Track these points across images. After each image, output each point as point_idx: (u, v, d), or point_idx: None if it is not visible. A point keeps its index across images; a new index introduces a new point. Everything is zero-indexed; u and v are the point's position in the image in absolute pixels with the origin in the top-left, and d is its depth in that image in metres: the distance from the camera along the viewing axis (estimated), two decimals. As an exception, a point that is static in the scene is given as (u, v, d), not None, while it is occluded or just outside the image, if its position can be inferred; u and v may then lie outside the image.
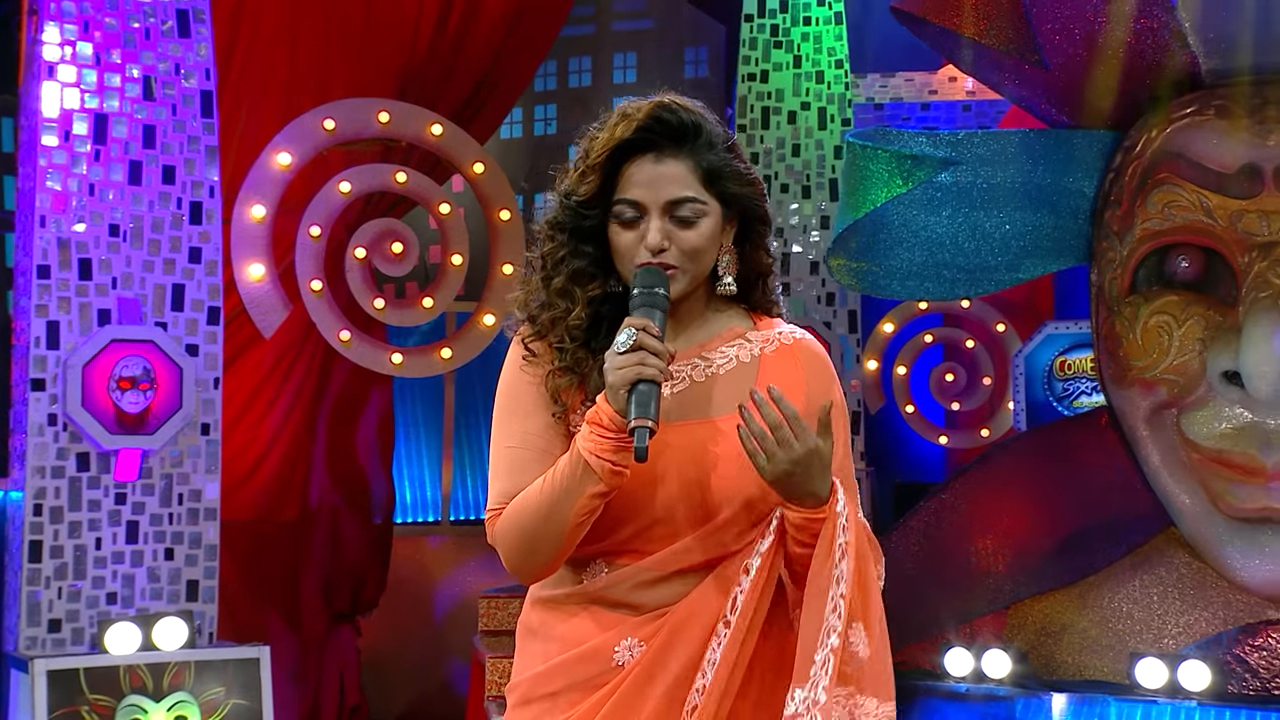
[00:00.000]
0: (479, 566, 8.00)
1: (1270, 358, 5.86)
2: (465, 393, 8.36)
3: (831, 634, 2.09)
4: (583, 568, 2.25)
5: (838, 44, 8.53)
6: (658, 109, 2.25)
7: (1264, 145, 6.16)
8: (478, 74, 6.96)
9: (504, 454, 2.27)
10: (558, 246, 2.29)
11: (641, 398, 2.07)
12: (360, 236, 6.18)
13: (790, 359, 2.30)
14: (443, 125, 6.27)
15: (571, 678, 2.20)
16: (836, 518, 2.14)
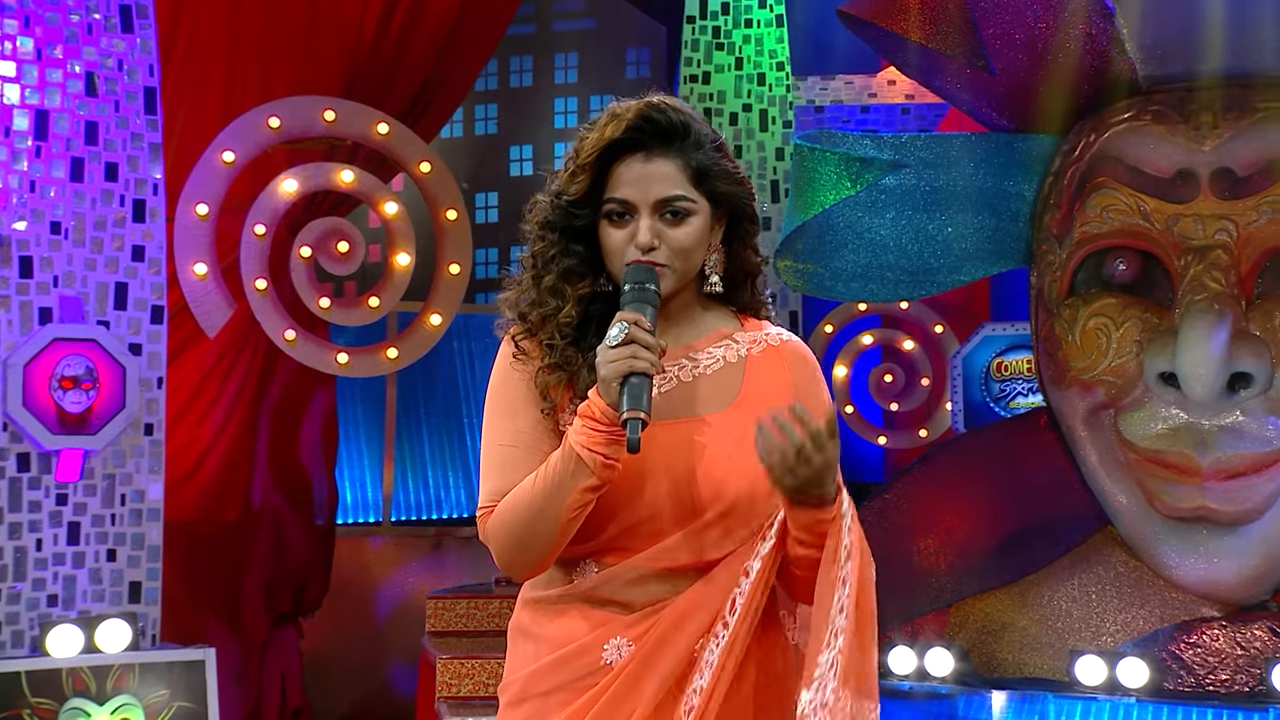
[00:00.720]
0: (420, 567, 7.98)
1: (1206, 360, 5.96)
2: (407, 393, 8.33)
3: (839, 635, 2.11)
4: (572, 567, 2.26)
5: (779, 46, 8.57)
6: (647, 108, 2.28)
7: (1199, 150, 6.27)
8: (423, 73, 6.94)
9: (494, 451, 2.28)
10: (548, 246, 2.30)
11: (634, 390, 2.08)
12: (306, 235, 6.14)
13: (777, 360, 2.32)
14: (389, 124, 6.25)
15: (561, 677, 2.22)
16: (842, 519, 2.16)
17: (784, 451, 2.10)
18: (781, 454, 2.11)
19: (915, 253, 6.38)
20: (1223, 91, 6.31)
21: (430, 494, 8.42)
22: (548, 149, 9.54)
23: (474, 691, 4.90)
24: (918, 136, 6.47)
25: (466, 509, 8.40)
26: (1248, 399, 6.05)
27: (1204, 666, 6.15)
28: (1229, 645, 6.16)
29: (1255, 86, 6.30)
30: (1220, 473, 6.07)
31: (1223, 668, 6.13)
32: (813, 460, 2.10)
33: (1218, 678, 6.11)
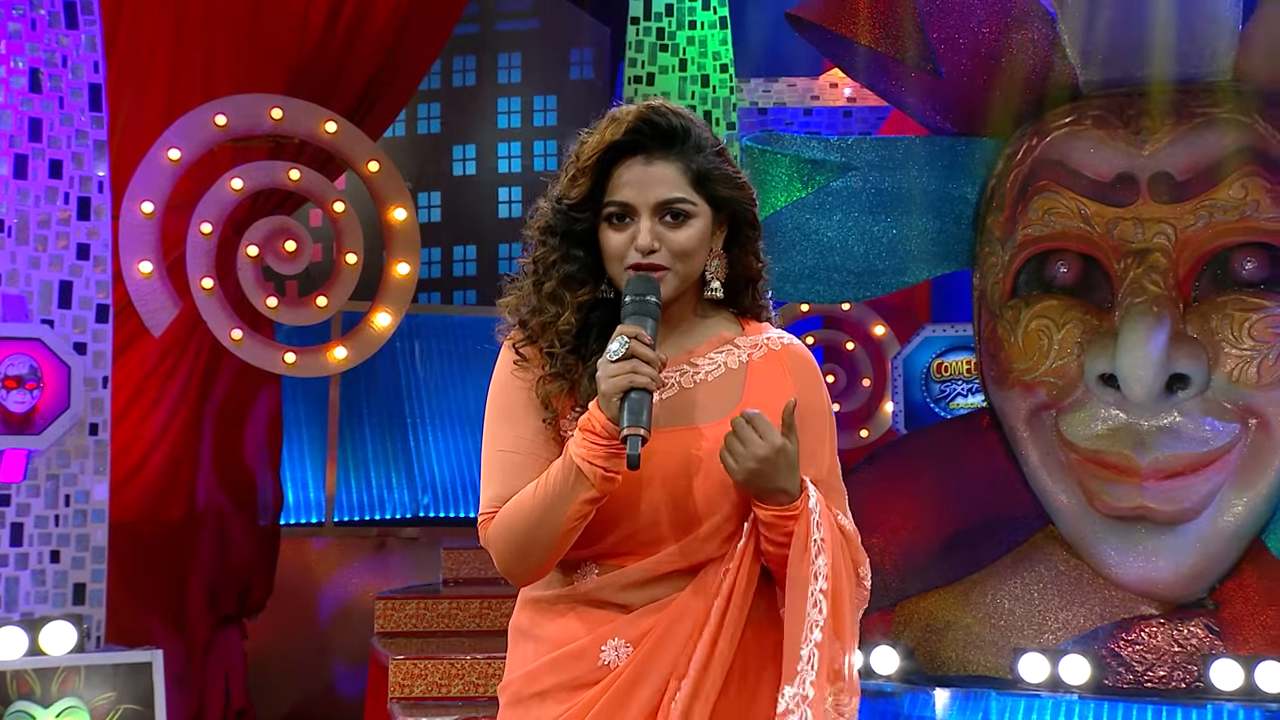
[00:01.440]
0: (364, 568, 7.95)
1: (1145, 361, 6.05)
2: (350, 392, 8.30)
3: (814, 629, 2.13)
4: (573, 570, 2.28)
5: (723, 48, 8.60)
6: (647, 111, 2.27)
7: (1139, 155, 6.37)
8: (370, 71, 6.90)
9: (496, 458, 2.29)
10: (549, 251, 2.31)
11: (634, 405, 2.09)
12: (253, 234, 6.10)
13: (778, 365, 2.33)
14: (337, 123, 6.22)
15: (559, 677, 2.23)
16: (809, 514, 2.18)
17: (728, 438, 2.15)
18: (727, 440, 2.15)
19: (861, 254, 6.44)
20: (1161, 97, 6.42)
21: (373, 494, 8.38)
22: (491, 148, 9.53)
23: (426, 692, 4.89)
24: (864, 139, 6.53)
25: (409, 509, 8.37)
26: (1185, 400, 6.15)
27: (1142, 663, 6.25)
28: (1167, 642, 6.26)
29: (1193, 92, 6.41)
30: (1158, 472, 6.17)
31: (1161, 664, 6.23)
32: (755, 443, 2.13)
33: (1156, 674, 6.21)
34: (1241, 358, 6.18)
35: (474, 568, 6.56)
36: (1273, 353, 6.18)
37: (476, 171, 9.64)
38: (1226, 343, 6.21)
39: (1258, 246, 6.24)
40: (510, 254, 9.72)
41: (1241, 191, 6.25)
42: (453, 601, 5.82)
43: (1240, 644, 6.17)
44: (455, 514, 8.47)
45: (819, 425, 2.32)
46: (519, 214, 9.62)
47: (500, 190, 9.57)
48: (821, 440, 2.32)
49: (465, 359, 8.65)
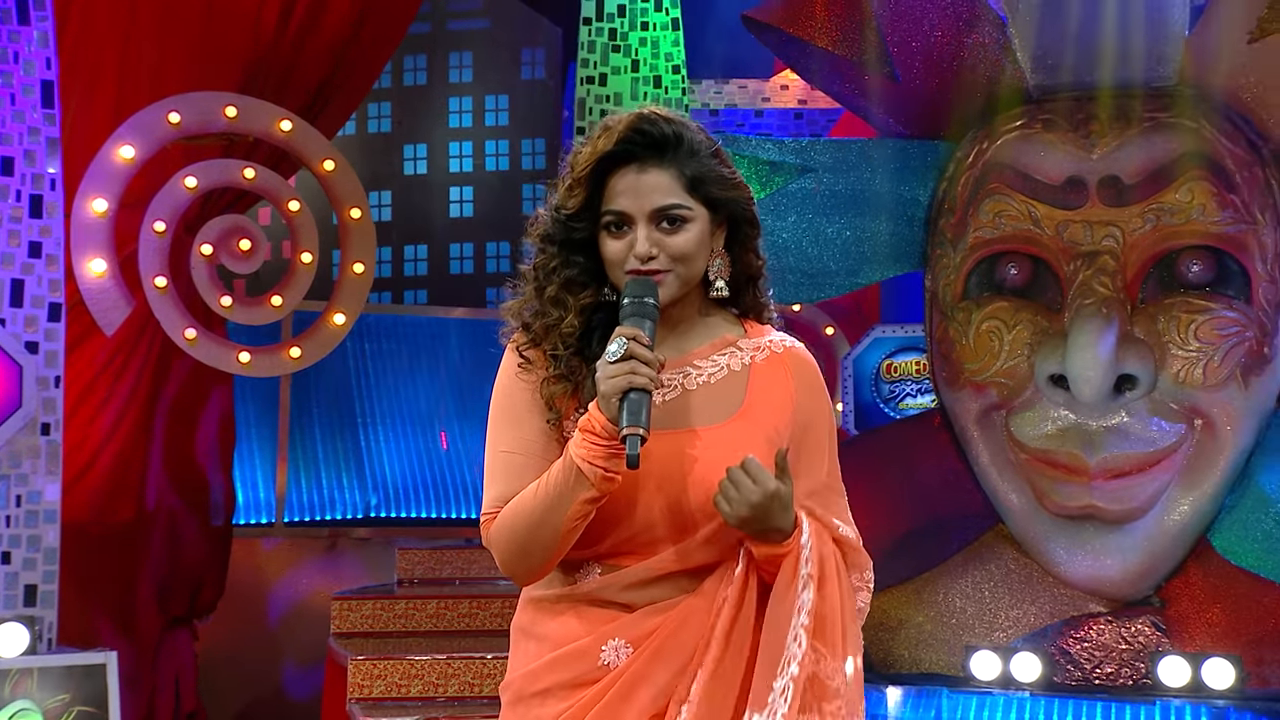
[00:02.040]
0: (315, 568, 7.92)
1: (1094, 362, 6.14)
2: (300, 392, 8.26)
3: (792, 662, 2.14)
4: (575, 570, 2.29)
5: (675, 49, 8.64)
6: (637, 120, 2.29)
7: (1088, 159, 6.45)
8: (324, 69, 6.86)
9: (499, 458, 2.31)
10: (549, 258, 2.32)
11: (633, 406, 2.11)
12: (207, 233, 6.06)
13: (780, 367, 2.34)
14: (292, 121, 6.19)
15: (559, 676, 2.24)
16: (800, 550, 2.19)
17: (723, 484, 2.17)
18: (722, 486, 2.17)
19: (814, 255, 6.48)
20: (1109, 102, 6.51)
21: (324, 494, 8.34)
22: (442, 147, 9.52)
23: (386, 692, 4.88)
24: (818, 141, 6.58)
25: (361, 510, 8.35)
26: (1132, 400, 6.24)
27: (1090, 660, 6.33)
28: (1114, 640, 6.34)
29: (1140, 97, 6.50)
30: (1107, 472, 6.26)
31: (1109, 661, 6.32)
32: (749, 491, 2.14)
33: (1104, 671, 6.29)
34: (1188, 359, 6.28)
35: (428, 568, 6.55)
36: (1218, 354, 6.28)
37: (428, 171, 9.64)
38: (1173, 344, 6.30)
39: (1203, 249, 6.33)
40: (462, 253, 9.71)
41: (1188, 195, 6.34)
42: (409, 602, 5.81)
43: (1186, 641, 6.26)
44: (407, 514, 8.45)
45: (820, 430, 2.35)
46: (470, 213, 9.63)
47: (452, 189, 9.58)
48: (821, 445, 2.34)
49: (416, 358, 8.64)
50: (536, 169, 8.93)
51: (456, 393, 8.69)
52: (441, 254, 8.83)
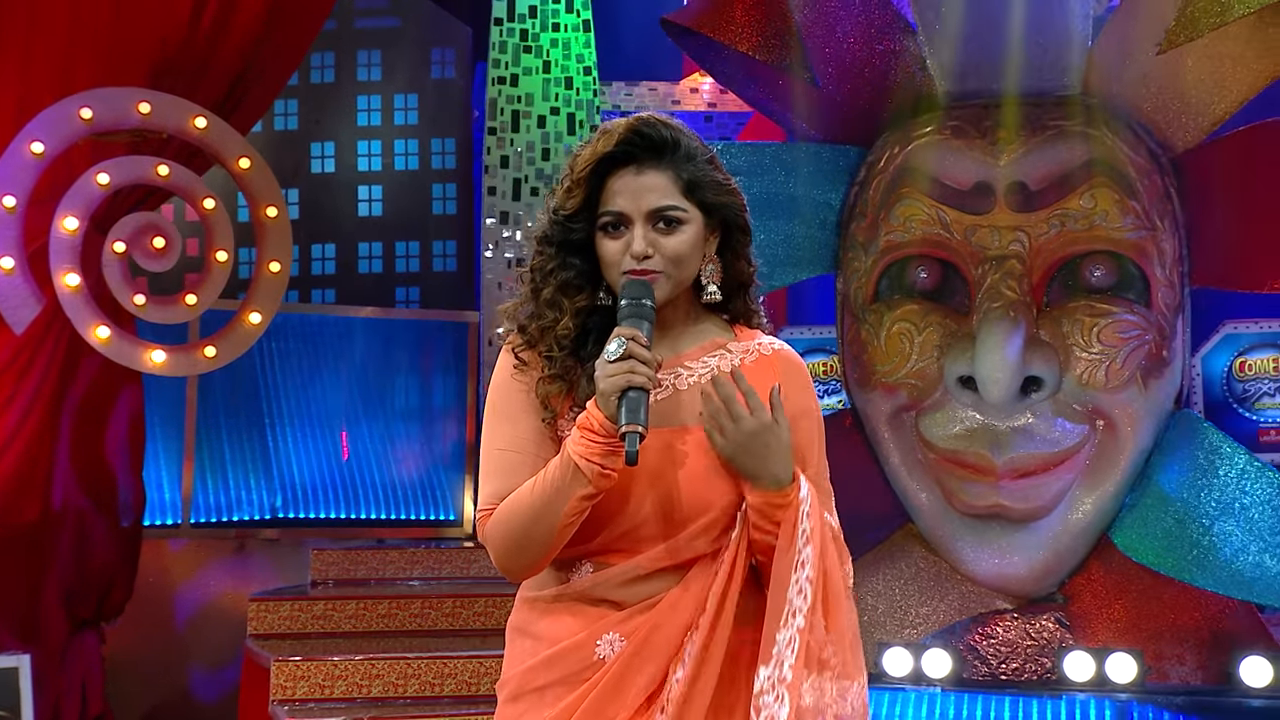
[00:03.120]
0: (223, 570, 7.84)
1: (1002, 364, 6.27)
2: (207, 391, 8.16)
3: (796, 615, 2.20)
4: (568, 568, 2.33)
5: (586, 51, 8.69)
6: (637, 124, 2.35)
7: (995, 165, 6.59)
8: (238, 65, 6.77)
9: (494, 456, 2.35)
10: (546, 259, 2.37)
11: (631, 404, 2.16)
12: (120, 230, 5.98)
13: (768, 369, 2.40)
14: (207, 118, 6.13)
15: (556, 673, 2.28)
16: (799, 504, 2.25)
17: (715, 408, 2.23)
18: (713, 409, 2.23)
19: (730, 258, 6.55)
20: (1016, 109, 6.65)
21: (231, 495, 8.25)
22: (350, 146, 9.46)
23: (310, 693, 4.86)
24: (733, 144, 6.65)
25: (268, 510, 8.27)
26: (1038, 401, 6.39)
27: (997, 656, 6.47)
28: (1020, 636, 6.49)
29: (1046, 105, 6.65)
30: (1013, 471, 6.40)
31: (1014, 657, 6.46)
32: (744, 419, 2.21)
33: (1009, 667, 6.43)
34: (1091, 361, 6.44)
35: (343, 569, 6.52)
36: (1119, 357, 6.45)
37: (335, 169, 9.55)
38: (1077, 347, 6.46)
39: (1106, 254, 6.50)
40: (370, 252, 9.66)
41: (1091, 201, 6.51)
42: (328, 603, 5.78)
43: (1089, 637, 6.43)
44: (316, 515, 8.39)
45: (809, 428, 2.39)
46: (379, 212, 9.55)
47: (360, 189, 9.51)
48: (811, 442, 2.39)
49: (324, 358, 8.57)
50: (446, 168, 8.89)
51: (364, 392, 8.65)
52: (349, 253, 8.78)
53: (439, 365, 8.76)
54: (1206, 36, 5.94)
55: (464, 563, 6.57)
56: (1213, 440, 6.48)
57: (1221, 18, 5.73)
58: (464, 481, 8.57)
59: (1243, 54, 6.30)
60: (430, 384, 8.78)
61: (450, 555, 6.68)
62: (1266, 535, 6.18)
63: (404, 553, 6.69)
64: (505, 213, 8.52)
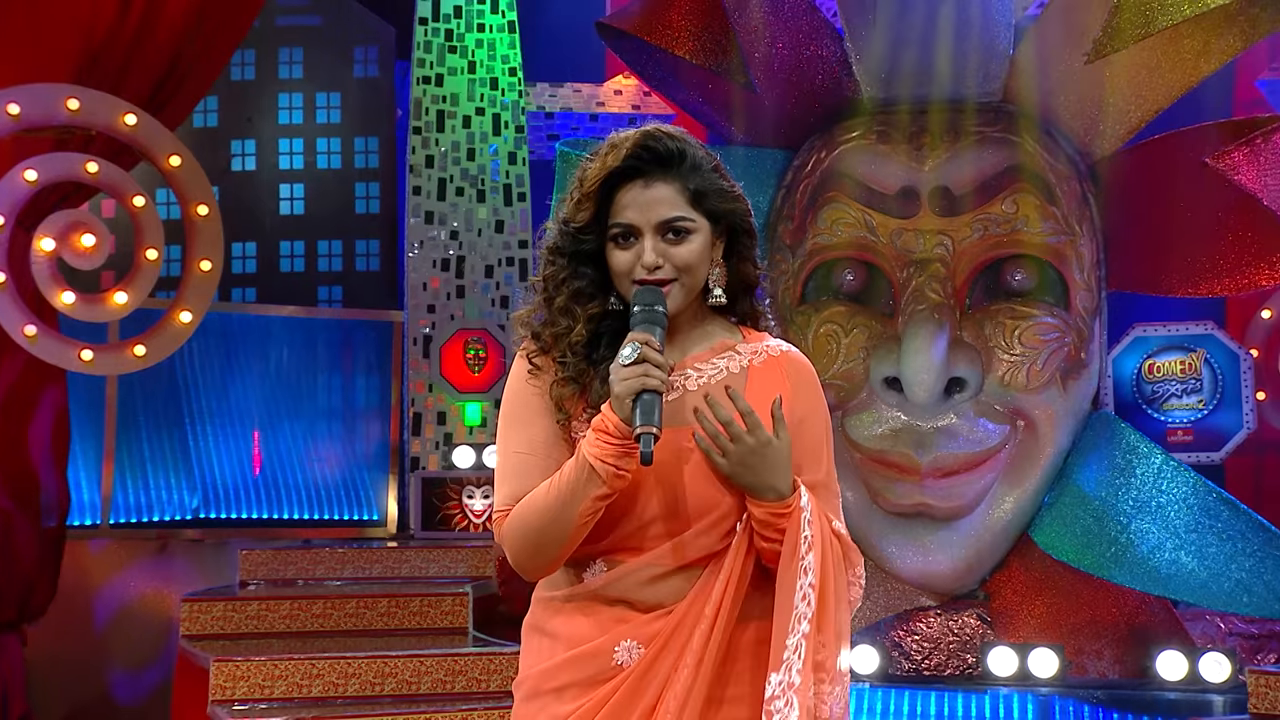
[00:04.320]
0: (145, 571, 7.75)
1: (928, 366, 6.40)
2: (126, 391, 8.05)
3: (802, 620, 2.26)
4: (584, 567, 2.37)
5: (511, 52, 8.71)
6: (644, 138, 2.38)
7: (920, 170, 6.72)
8: (166, 59, 6.67)
9: (511, 459, 2.39)
10: (558, 269, 2.41)
11: (646, 406, 2.21)
12: (49, 227, 5.90)
13: (776, 370, 2.45)
14: (137, 115, 6.06)
15: (574, 675, 2.33)
16: (800, 512, 2.30)
17: (714, 428, 2.28)
18: (712, 430, 2.28)
19: (658, 260, 6.60)
20: (940, 115, 6.79)
21: (151, 495, 8.16)
22: (271, 145, 9.38)
23: (250, 694, 4.83)
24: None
25: (190, 510, 8.19)
26: (961, 402, 6.53)
27: (920, 652, 6.60)
28: (942, 632, 6.63)
29: (968, 112, 6.80)
30: (937, 471, 6.53)
31: (937, 653, 6.60)
32: (744, 439, 2.27)
33: (932, 663, 6.56)
34: (1012, 363, 6.59)
35: (272, 569, 6.48)
36: (1040, 359, 6.61)
37: (256, 167, 9.46)
38: (999, 349, 6.61)
39: (1026, 259, 6.66)
40: (292, 251, 9.58)
41: (1013, 207, 6.66)
42: (262, 603, 5.75)
43: (1011, 633, 6.57)
44: (238, 515, 8.31)
45: (817, 429, 2.44)
46: (301, 210, 9.48)
47: (282, 187, 9.43)
48: (820, 443, 2.44)
49: (245, 357, 8.50)
50: (370, 167, 8.85)
51: (286, 392, 8.58)
52: (271, 251, 8.69)
53: (362, 365, 8.72)
54: (1130, 48, 6.09)
55: (394, 562, 6.57)
56: (1130, 440, 6.66)
57: (1146, 29, 5.90)
58: (387, 482, 8.55)
59: (1159, 65, 6.48)
60: (353, 384, 8.74)
61: (380, 555, 6.67)
62: (1182, 533, 6.36)
63: (334, 553, 6.66)
64: (430, 212, 8.51)
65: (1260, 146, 6.01)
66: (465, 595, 5.81)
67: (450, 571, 6.51)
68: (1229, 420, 8.11)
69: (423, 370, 8.52)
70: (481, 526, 7.89)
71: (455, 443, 8.35)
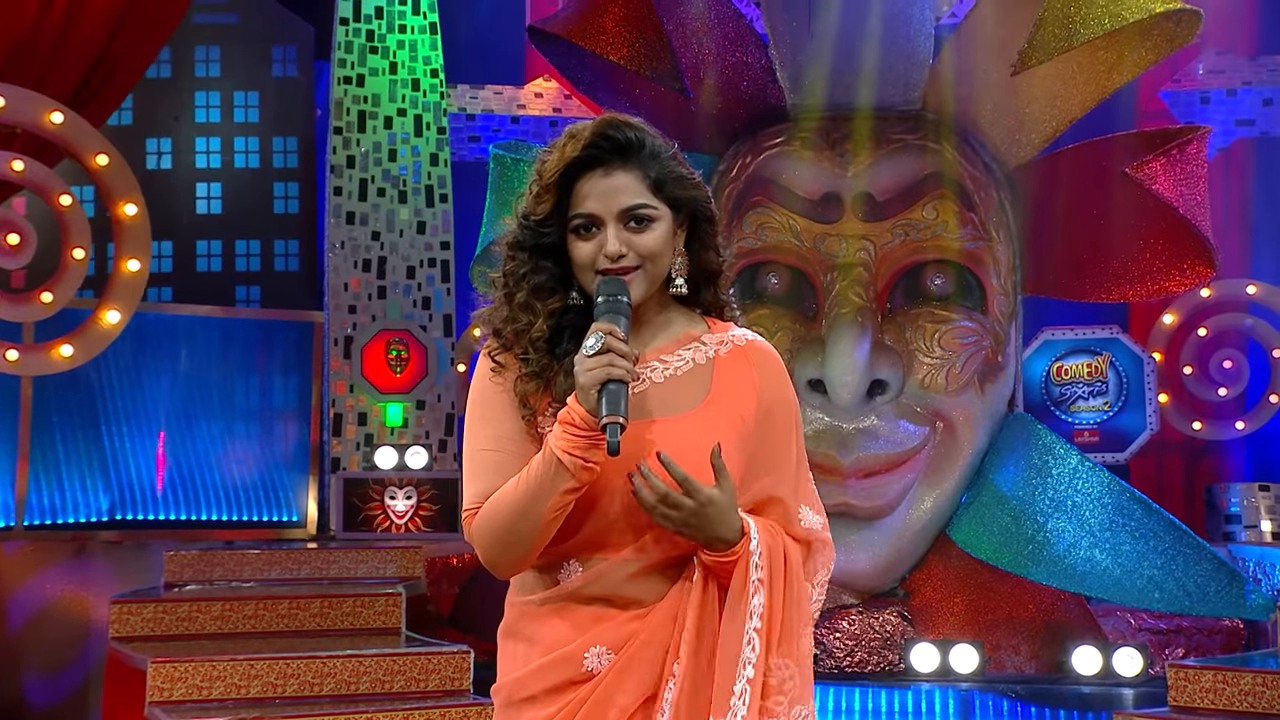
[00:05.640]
0: (62, 573, 7.62)
1: (851, 368, 6.53)
2: (41, 391, 7.93)
3: (747, 665, 2.25)
4: (557, 569, 2.35)
5: (433, 54, 8.70)
6: (603, 127, 2.36)
7: (843, 176, 6.86)
8: (91, 56, 6.59)
9: (478, 457, 2.36)
10: (518, 265, 2.39)
11: (611, 396, 2.20)
12: (-28, 226, 5.83)
13: (742, 359, 2.43)
14: (63, 113, 5.99)
15: (545, 683, 2.32)
16: (749, 556, 2.28)
17: (650, 502, 2.25)
18: (649, 503, 2.25)
19: (589, 262, 6.66)
20: (863, 123, 6.93)
21: (67, 497, 8.05)
22: (188, 143, 9.30)
23: (188, 695, 4.80)
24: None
25: (106, 512, 8.08)
26: (882, 404, 6.68)
27: (843, 649, 6.72)
28: (864, 629, 6.75)
29: (890, 119, 6.94)
30: (859, 471, 6.67)
31: (859, 649, 6.72)
32: (683, 506, 2.24)
33: (854, 659, 6.69)
34: (932, 366, 6.75)
35: (198, 570, 6.42)
36: (959, 361, 6.77)
37: (172, 166, 9.36)
38: (919, 351, 6.76)
39: (946, 264, 6.83)
40: (209, 250, 9.50)
41: (933, 213, 6.82)
42: (193, 604, 5.70)
43: (930, 629, 6.72)
44: (156, 516, 8.22)
45: (785, 418, 2.42)
46: (218, 210, 9.39)
47: (199, 186, 9.34)
48: (788, 432, 2.42)
49: (161, 358, 8.40)
50: (288, 167, 8.78)
51: (204, 392, 8.49)
52: (187, 251, 8.59)
53: (280, 365, 8.66)
54: (1053, 60, 6.25)
55: (322, 563, 6.54)
56: (1046, 441, 6.84)
57: (1068, 43, 6.06)
58: (307, 482, 8.50)
59: (1075, 76, 6.66)
60: (271, 384, 8.67)
61: (308, 556, 6.64)
62: (1097, 531, 6.55)
63: (261, 554, 6.62)
64: (352, 213, 8.47)
65: (1176, 157, 6.20)
66: (399, 595, 5.81)
67: (380, 572, 6.50)
68: (1133, 422, 8.36)
69: (344, 371, 8.49)
70: (404, 527, 7.89)
71: (377, 443, 8.33)
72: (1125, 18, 6.03)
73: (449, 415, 8.55)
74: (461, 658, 5.27)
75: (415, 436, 8.46)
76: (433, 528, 7.91)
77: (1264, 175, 8.56)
